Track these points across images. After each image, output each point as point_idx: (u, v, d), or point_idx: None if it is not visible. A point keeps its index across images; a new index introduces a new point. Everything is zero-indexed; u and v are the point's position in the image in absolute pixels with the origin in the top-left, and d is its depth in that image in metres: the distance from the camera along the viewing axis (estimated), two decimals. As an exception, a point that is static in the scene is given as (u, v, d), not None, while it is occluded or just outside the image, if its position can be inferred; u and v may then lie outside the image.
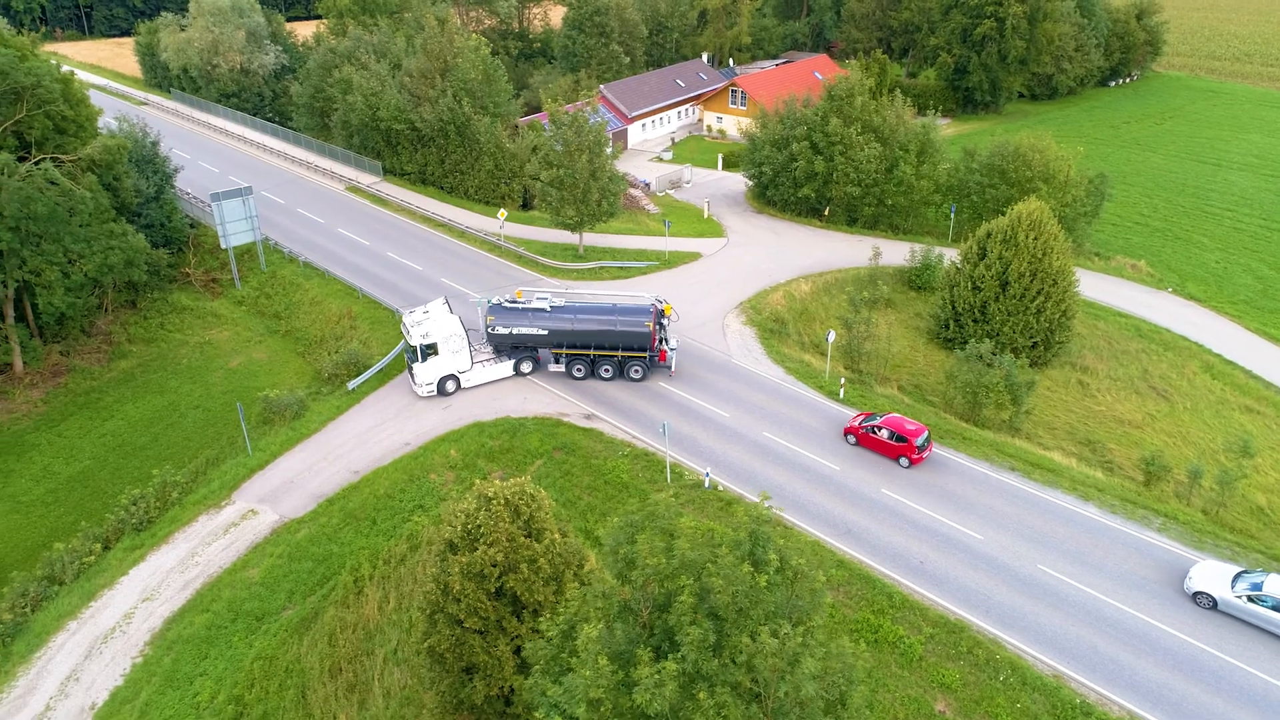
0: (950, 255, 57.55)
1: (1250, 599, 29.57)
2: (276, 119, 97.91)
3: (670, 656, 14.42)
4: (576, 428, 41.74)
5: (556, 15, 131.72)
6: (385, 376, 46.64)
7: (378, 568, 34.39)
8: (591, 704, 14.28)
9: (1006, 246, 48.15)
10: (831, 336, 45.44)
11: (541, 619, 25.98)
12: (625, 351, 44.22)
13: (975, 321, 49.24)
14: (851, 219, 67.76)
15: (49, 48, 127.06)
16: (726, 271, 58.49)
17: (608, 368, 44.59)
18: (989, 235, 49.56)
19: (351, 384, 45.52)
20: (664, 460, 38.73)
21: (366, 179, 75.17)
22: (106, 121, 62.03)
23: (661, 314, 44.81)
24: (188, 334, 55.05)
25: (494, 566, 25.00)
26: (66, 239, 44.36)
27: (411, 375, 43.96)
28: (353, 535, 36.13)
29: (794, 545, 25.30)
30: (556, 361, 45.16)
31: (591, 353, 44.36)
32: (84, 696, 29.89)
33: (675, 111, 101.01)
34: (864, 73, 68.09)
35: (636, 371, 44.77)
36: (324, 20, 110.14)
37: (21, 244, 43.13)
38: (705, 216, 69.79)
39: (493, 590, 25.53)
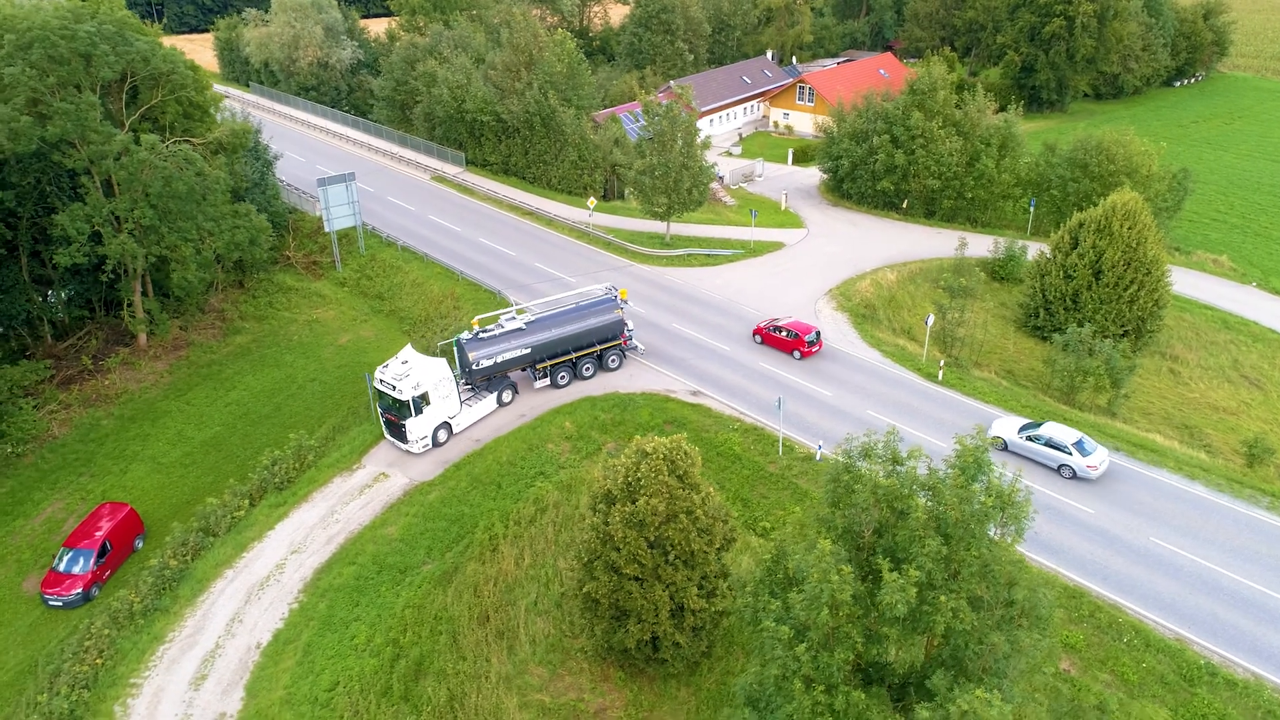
0: (1033, 248, 58.43)
1: (1029, 439, 37.78)
2: (352, 112, 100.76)
3: (904, 568, 15.94)
4: (684, 403, 43.36)
5: (615, 14, 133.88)
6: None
7: (509, 527, 36.25)
8: (833, 608, 15.83)
9: (1100, 236, 49.00)
10: (930, 320, 46.61)
11: (695, 569, 27.80)
12: (602, 344, 45.23)
13: (1066, 310, 50.13)
14: (929, 212, 68.74)
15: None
16: (811, 260, 59.79)
17: (589, 365, 45.35)
18: (1081, 225, 50.45)
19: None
20: (773, 434, 40.21)
21: (450, 169, 77.47)
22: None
23: (619, 299, 46.07)
24: (295, 312, 57.49)
25: (655, 515, 26.72)
26: (199, 217, 46.88)
27: (399, 433, 40.24)
28: (481, 498, 38.04)
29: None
30: (541, 375, 44.63)
31: (573, 355, 44.66)
32: (249, 637, 32.06)
33: (741, 108, 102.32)
34: (947, 67, 69.04)
35: (614, 360, 45.80)
36: (395, 17, 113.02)
37: (160, 220, 45.73)
38: (783, 208, 71.12)
39: (651, 539, 27.27)
